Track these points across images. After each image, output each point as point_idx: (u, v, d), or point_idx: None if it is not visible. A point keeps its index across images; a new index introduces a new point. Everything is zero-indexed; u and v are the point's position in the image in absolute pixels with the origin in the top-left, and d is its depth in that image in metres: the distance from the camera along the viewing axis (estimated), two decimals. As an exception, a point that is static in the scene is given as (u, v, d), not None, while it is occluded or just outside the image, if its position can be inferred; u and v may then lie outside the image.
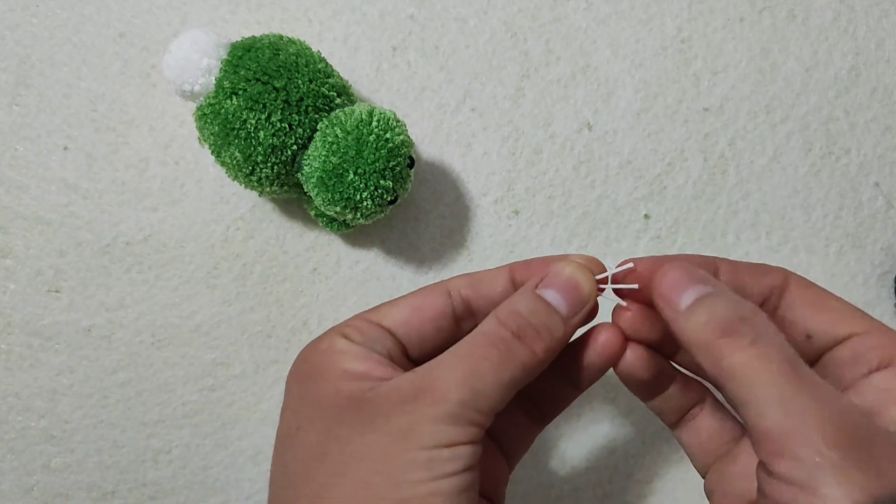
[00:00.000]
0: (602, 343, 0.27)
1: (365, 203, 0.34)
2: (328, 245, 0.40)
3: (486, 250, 0.41)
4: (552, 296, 0.26)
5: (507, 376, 0.24)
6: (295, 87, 0.33)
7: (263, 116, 0.33)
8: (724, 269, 0.28)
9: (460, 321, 0.28)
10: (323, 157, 0.33)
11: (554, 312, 0.26)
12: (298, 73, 0.34)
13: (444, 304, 0.28)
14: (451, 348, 0.25)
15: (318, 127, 0.34)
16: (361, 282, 0.40)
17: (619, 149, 0.42)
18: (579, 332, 0.28)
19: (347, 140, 0.33)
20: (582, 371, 0.28)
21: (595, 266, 0.28)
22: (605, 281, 0.28)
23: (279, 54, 0.34)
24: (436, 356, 0.25)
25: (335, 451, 0.23)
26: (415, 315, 0.27)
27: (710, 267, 0.27)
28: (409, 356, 0.28)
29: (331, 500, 0.23)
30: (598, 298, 0.27)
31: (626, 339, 0.28)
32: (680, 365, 0.30)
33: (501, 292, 0.28)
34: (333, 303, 0.40)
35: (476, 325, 0.26)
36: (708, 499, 0.29)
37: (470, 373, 0.24)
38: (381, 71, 0.41)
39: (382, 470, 0.22)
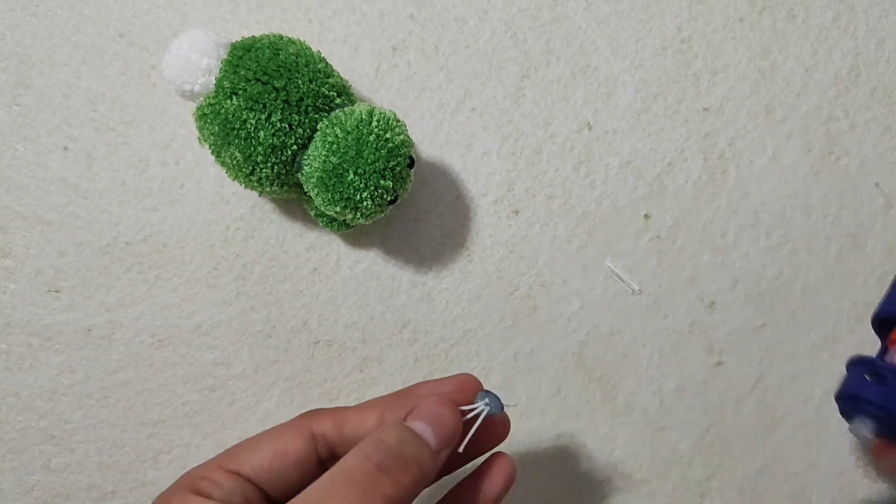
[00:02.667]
0: (501, 471, 0.29)
1: (365, 203, 0.34)
2: (328, 245, 0.40)
3: (486, 250, 0.41)
4: (422, 427, 0.26)
5: None
6: (295, 87, 0.33)
7: (263, 116, 0.33)
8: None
9: (324, 463, 0.27)
10: (323, 157, 0.33)
11: (424, 444, 0.26)
12: (298, 73, 0.34)
13: (307, 448, 0.27)
14: (308, 488, 0.24)
15: (318, 127, 0.34)
16: (361, 282, 0.40)
17: (619, 149, 0.42)
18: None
19: (347, 140, 0.33)
20: (486, 499, 0.29)
21: (468, 383, 0.29)
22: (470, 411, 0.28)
23: (279, 54, 0.34)
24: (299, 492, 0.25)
25: None
26: (276, 461, 0.26)
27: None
28: (271, 498, 0.27)
29: None
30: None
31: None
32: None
33: (368, 431, 0.27)
34: (333, 303, 0.40)
35: None
36: None
37: None
38: (381, 71, 0.41)
39: None
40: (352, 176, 0.33)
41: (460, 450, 0.27)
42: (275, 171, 0.34)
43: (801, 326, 0.42)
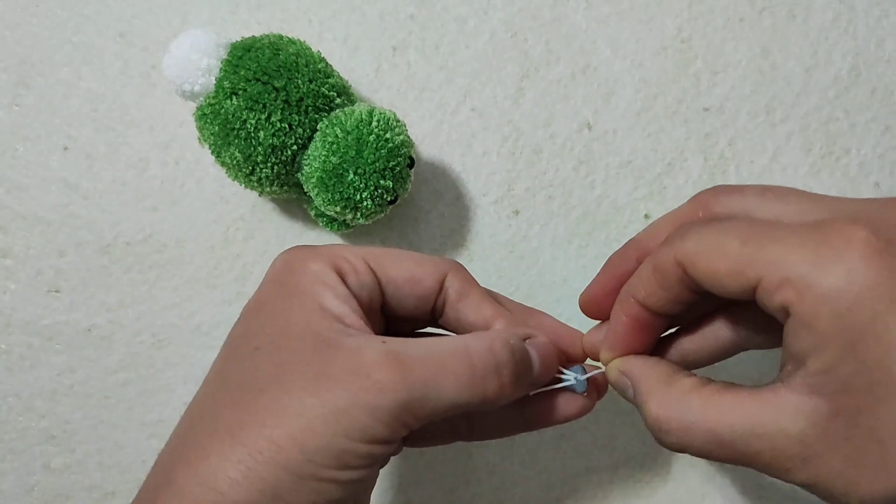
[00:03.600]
0: (566, 405, 0.29)
1: (365, 203, 0.34)
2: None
3: (486, 250, 0.41)
4: (534, 356, 0.27)
5: (464, 399, 0.24)
6: (295, 87, 0.33)
7: (263, 116, 0.33)
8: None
9: (435, 310, 0.29)
10: (323, 157, 0.33)
11: (531, 370, 0.27)
12: (298, 73, 0.34)
13: (435, 289, 0.28)
14: (427, 340, 0.25)
15: (318, 127, 0.34)
16: (361, 282, 0.40)
17: (619, 149, 0.42)
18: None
19: (347, 140, 0.33)
20: (537, 415, 0.29)
21: (577, 342, 0.30)
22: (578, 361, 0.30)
23: (279, 54, 0.34)
24: (404, 318, 0.25)
25: (273, 395, 0.23)
26: (409, 284, 0.27)
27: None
28: (384, 310, 0.28)
29: (240, 445, 0.22)
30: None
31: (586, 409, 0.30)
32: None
33: (475, 322, 0.28)
34: (333, 303, 0.40)
35: (440, 323, 0.28)
36: None
37: (433, 378, 0.23)
38: (381, 71, 0.41)
39: (300, 441, 0.22)
40: (352, 176, 0.33)
41: (531, 394, 0.29)
42: (275, 171, 0.34)
43: (801, 326, 0.42)
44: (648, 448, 0.40)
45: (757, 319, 0.27)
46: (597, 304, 0.30)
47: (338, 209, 0.34)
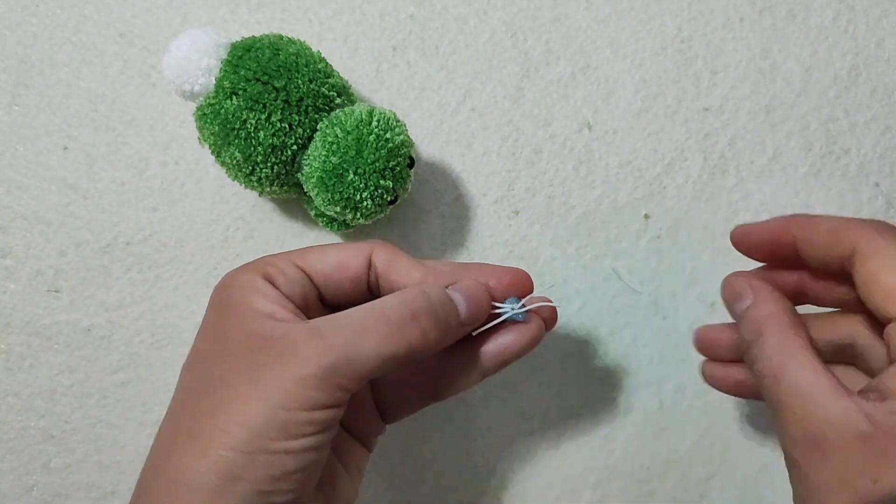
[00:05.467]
0: (515, 338, 0.31)
1: (365, 203, 0.34)
2: (328, 245, 0.40)
3: (486, 250, 0.41)
4: (458, 299, 0.29)
5: (389, 351, 0.26)
6: (295, 87, 0.33)
7: (263, 116, 0.33)
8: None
9: (371, 288, 0.30)
10: (323, 157, 0.33)
11: (456, 312, 0.28)
12: (298, 73, 0.34)
13: (364, 269, 0.29)
14: (347, 311, 0.27)
15: (318, 127, 0.34)
16: (361, 282, 0.40)
17: (619, 149, 0.42)
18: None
19: (347, 140, 0.33)
20: (488, 358, 0.31)
21: (522, 279, 0.31)
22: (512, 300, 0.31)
23: (279, 54, 0.34)
24: (348, 305, 0.27)
25: (217, 392, 0.25)
26: (338, 270, 0.29)
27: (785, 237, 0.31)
28: (324, 301, 0.30)
29: (195, 439, 0.24)
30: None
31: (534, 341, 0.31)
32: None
33: (407, 286, 0.29)
34: (333, 303, 0.40)
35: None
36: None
37: (351, 340, 0.25)
38: (381, 71, 0.41)
39: (241, 421, 0.24)
40: (352, 176, 0.33)
41: (473, 334, 0.30)
42: (275, 171, 0.34)
43: (801, 326, 0.42)
44: (648, 448, 0.40)
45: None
46: (750, 241, 0.33)
47: (338, 209, 0.34)
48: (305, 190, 0.35)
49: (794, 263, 0.31)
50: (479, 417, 0.40)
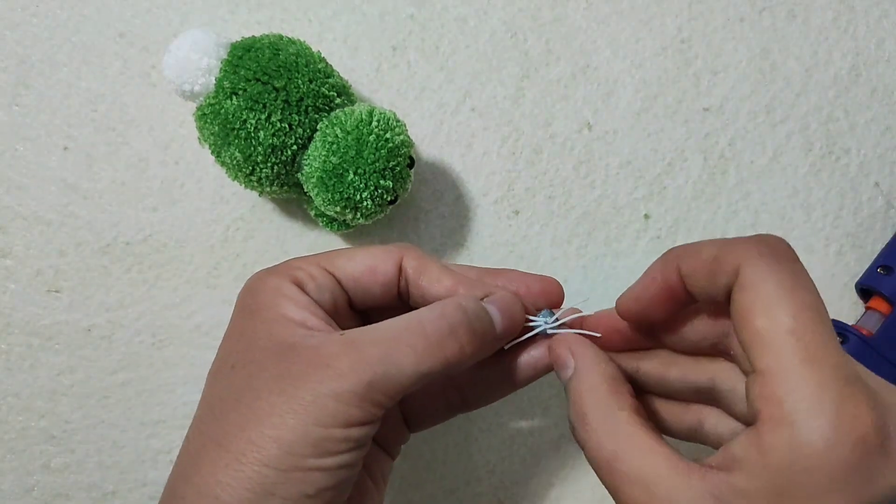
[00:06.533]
0: (546, 352, 0.29)
1: (365, 203, 0.34)
2: (328, 245, 0.40)
3: (486, 250, 0.41)
4: (494, 312, 0.28)
5: (426, 367, 0.25)
6: (295, 87, 0.33)
7: (263, 116, 0.33)
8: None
9: (401, 294, 0.29)
10: (323, 157, 0.33)
11: (492, 326, 0.27)
12: (298, 73, 0.34)
13: (394, 273, 0.29)
14: (383, 322, 0.26)
15: (318, 127, 0.34)
16: (361, 282, 0.40)
17: (619, 149, 0.42)
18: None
19: (347, 140, 0.33)
20: (519, 371, 0.30)
21: (553, 288, 0.30)
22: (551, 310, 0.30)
23: (279, 54, 0.34)
24: (377, 310, 0.26)
25: (247, 403, 0.24)
26: (367, 275, 0.28)
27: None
28: (353, 307, 0.29)
29: (225, 452, 0.23)
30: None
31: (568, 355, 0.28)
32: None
33: (438, 294, 0.29)
34: (333, 303, 0.40)
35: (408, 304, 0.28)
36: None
37: (388, 355, 0.24)
38: (381, 71, 0.41)
39: (275, 436, 0.23)
40: (352, 176, 0.33)
41: (506, 348, 0.29)
42: (275, 171, 0.34)
43: (801, 326, 0.42)
44: (648, 448, 0.40)
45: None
46: (640, 305, 0.28)
47: (338, 209, 0.34)
48: (305, 190, 0.35)
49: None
50: (479, 417, 0.40)
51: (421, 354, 0.25)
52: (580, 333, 0.29)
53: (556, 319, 0.29)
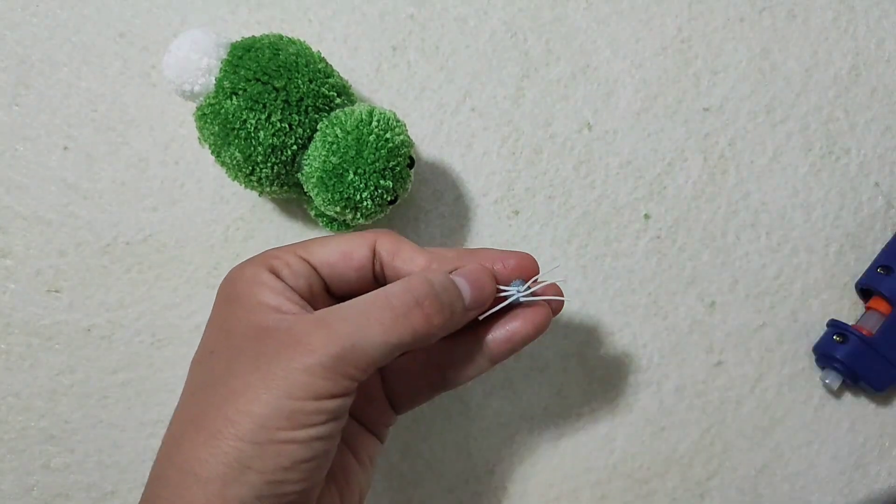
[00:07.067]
0: (522, 324, 0.31)
1: (365, 203, 0.34)
2: (328, 245, 0.40)
3: (486, 250, 0.41)
4: (462, 284, 0.29)
5: (394, 339, 0.26)
6: (295, 87, 0.33)
7: (263, 116, 0.33)
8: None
9: (377, 277, 0.30)
10: (323, 157, 0.33)
11: (460, 297, 0.28)
12: (298, 73, 0.34)
13: (368, 257, 0.30)
14: (353, 300, 0.27)
15: (318, 127, 0.34)
16: (361, 282, 0.40)
17: (619, 149, 0.42)
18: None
19: (347, 140, 0.33)
20: (496, 344, 0.31)
21: (527, 262, 0.31)
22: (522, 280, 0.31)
23: (279, 54, 0.34)
24: (354, 295, 0.27)
25: (224, 383, 0.25)
26: (342, 261, 0.29)
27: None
28: (330, 292, 0.30)
29: (203, 430, 0.24)
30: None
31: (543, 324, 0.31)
32: None
33: (412, 273, 0.29)
34: (333, 303, 0.40)
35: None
36: None
37: (357, 329, 0.25)
38: (381, 71, 0.41)
39: (248, 411, 0.24)
40: (352, 176, 0.33)
41: (480, 318, 0.30)
42: (275, 171, 0.34)
43: (801, 326, 0.42)
44: (647, 448, 0.40)
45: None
46: None
47: (338, 209, 0.34)
48: (305, 190, 0.35)
49: None
50: (479, 417, 0.40)
51: (389, 327, 0.26)
52: (550, 299, 0.31)
53: (528, 288, 0.30)
